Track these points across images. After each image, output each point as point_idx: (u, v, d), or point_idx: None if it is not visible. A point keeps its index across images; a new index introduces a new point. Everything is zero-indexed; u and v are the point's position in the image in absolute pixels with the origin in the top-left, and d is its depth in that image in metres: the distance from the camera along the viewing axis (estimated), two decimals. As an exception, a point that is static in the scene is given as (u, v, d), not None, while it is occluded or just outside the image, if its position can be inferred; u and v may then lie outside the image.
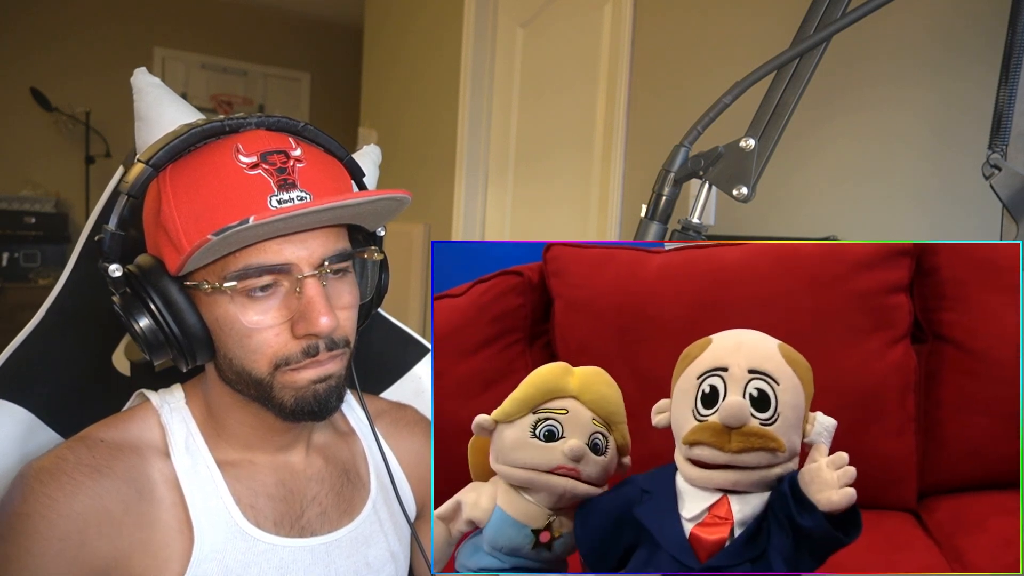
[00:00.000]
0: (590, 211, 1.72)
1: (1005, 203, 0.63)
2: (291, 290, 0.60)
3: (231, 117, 0.61)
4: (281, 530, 0.67)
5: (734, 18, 1.34)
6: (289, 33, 4.68)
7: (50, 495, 0.57)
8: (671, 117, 1.47)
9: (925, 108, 1.02)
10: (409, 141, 2.65)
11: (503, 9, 2.14)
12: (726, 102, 0.65)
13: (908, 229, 1.03)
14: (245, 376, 0.62)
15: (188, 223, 0.58)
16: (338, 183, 0.65)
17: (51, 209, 3.75)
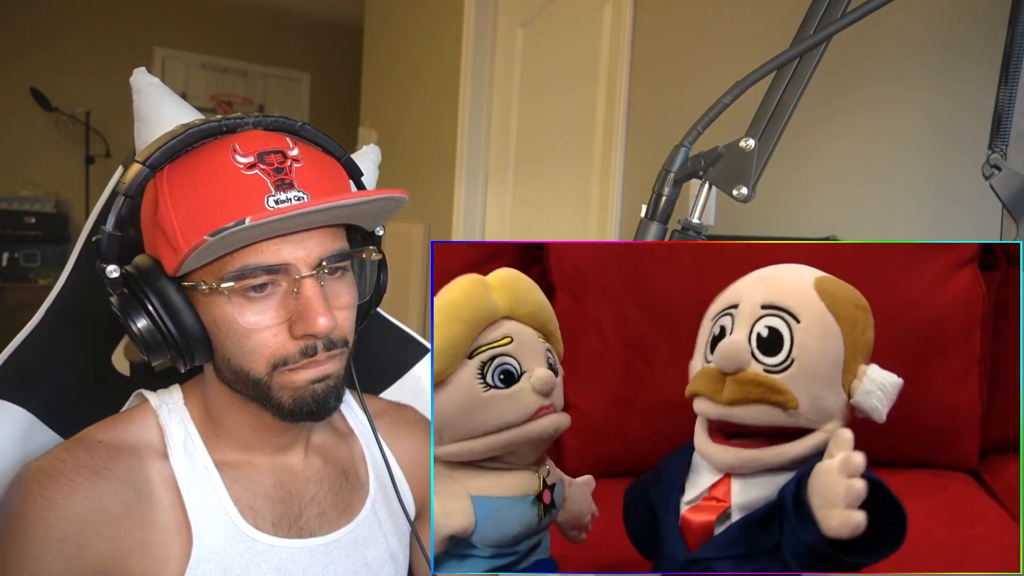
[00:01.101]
0: (590, 211, 1.72)
1: (1005, 203, 0.63)
2: (289, 290, 0.60)
3: (228, 117, 0.61)
4: (280, 531, 0.67)
5: (734, 18, 1.34)
6: (289, 33, 4.68)
7: (48, 497, 0.57)
8: (671, 117, 1.46)
9: (925, 108, 1.02)
10: (409, 141, 2.65)
11: (503, 9, 2.13)
12: (726, 102, 0.65)
13: (908, 229, 1.03)
14: (243, 376, 0.62)
15: (185, 223, 0.58)
16: (336, 183, 0.65)
17: (51, 209, 3.75)
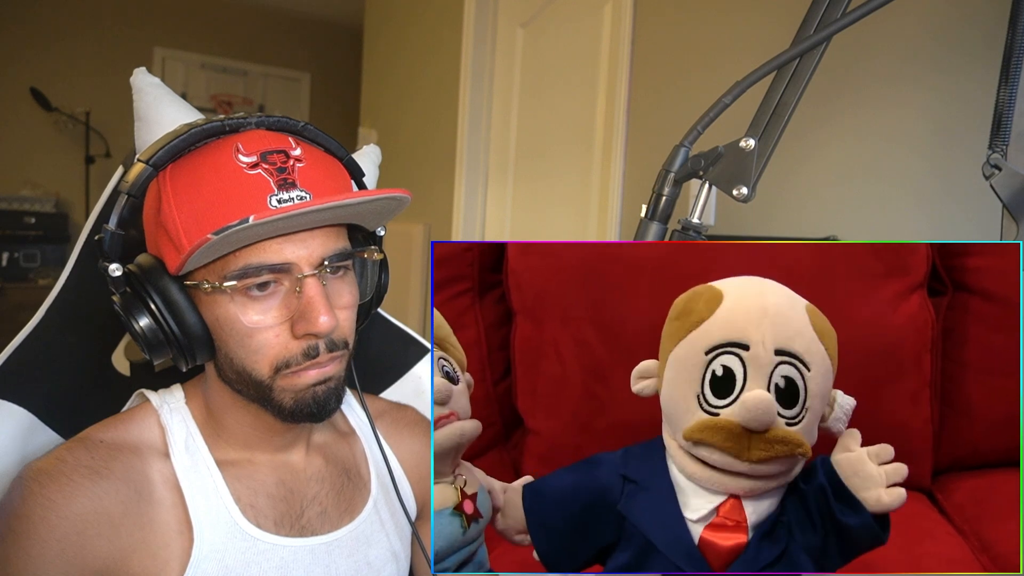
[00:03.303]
0: (590, 211, 1.72)
1: (1005, 203, 0.63)
2: (291, 290, 0.60)
3: (231, 117, 0.61)
4: (281, 530, 0.67)
5: (734, 18, 1.34)
6: (289, 33, 4.68)
7: (49, 497, 0.57)
8: (671, 117, 1.47)
9: (925, 108, 1.02)
10: (409, 141, 2.65)
11: (503, 9, 2.13)
12: (726, 102, 0.65)
13: (908, 229, 1.03)
14: (245, 376, 0.62)
15: (188, 222, 0.58)
16: (338, 183, 0.65)
17: (51, 209, 3.74)
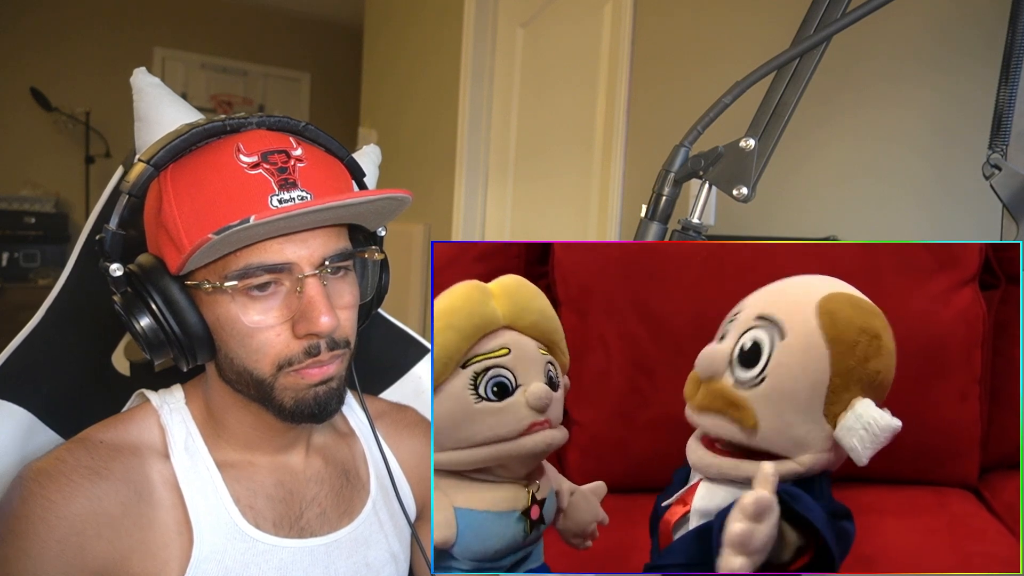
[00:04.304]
0: (590, 211, 1.72)
1: (1005, 203, 0.63)
2: (292, 290, 0.60)
3: (232, 117, 0.61)
4: (280, 531, 0.67)
5: (734, 18, 1.34)
6: (289, 33, 4.68)
7: (49, 497, 0.57)
8: (671, 117, 1.46)
9: (925, 108, 1.02)
10: (409, 141, 2.65)
11: (503, 9, 2.13)
12: (726, 102, 0.64)
13: (908, 229, 1.03)
14: (246, 376, 0.62)
15: (189, 222, 0.58)
16: (339, 183, 0.65)
17: (51, 209, 3.74)
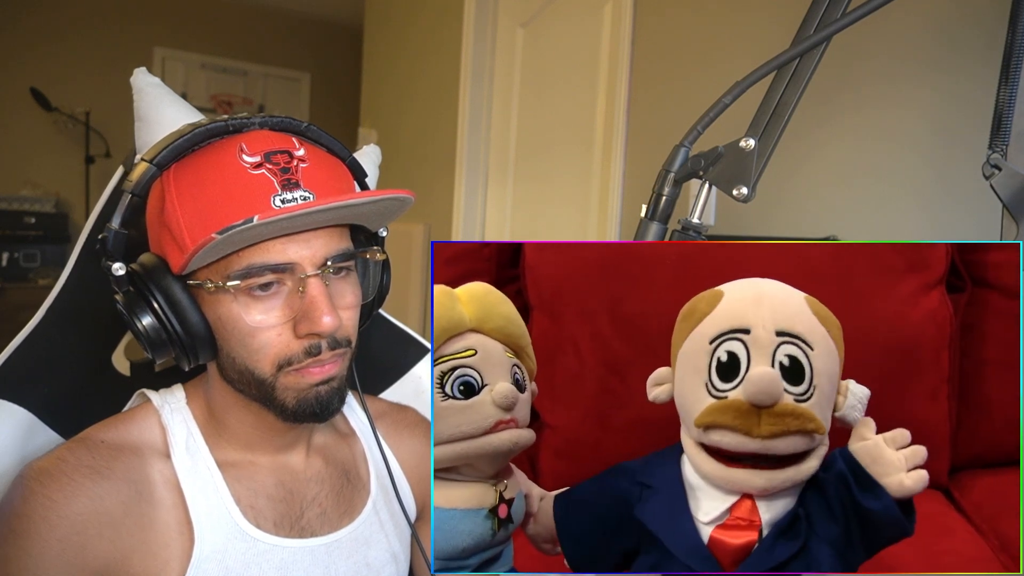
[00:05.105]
0: (590, 211, 1.72)
1: (1005, 203, 0.63)
2: (294, 289, 0.60)
3: (235, 117, 0.61)
4: (281, 531, 0.67)
5: (734, 18, 1.34)
6: (289, 33, 4.68)
7: (50, 496, 0.57)
8: (671, 117, 1.47)
9: (925, 108, 1.02)
10: (409, 141, 2.65)
11: (503, 9, 2.13)
12: (726, 102, 0.65)
13: (908, 229, 1.03)
14: (248, 376, 0.62)
15: (192, 222, 0.58)
16: (341, 183, 0.65)
17: (51, 209, 3.74)
